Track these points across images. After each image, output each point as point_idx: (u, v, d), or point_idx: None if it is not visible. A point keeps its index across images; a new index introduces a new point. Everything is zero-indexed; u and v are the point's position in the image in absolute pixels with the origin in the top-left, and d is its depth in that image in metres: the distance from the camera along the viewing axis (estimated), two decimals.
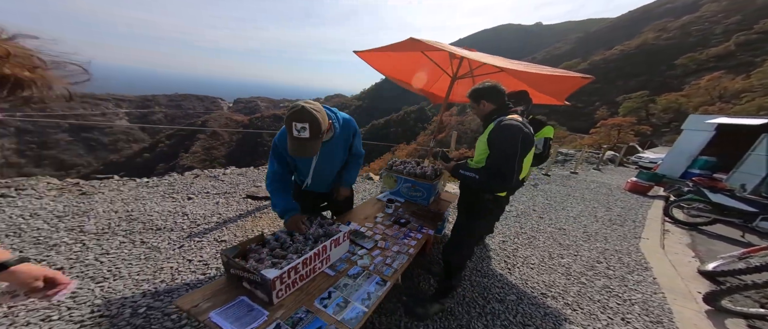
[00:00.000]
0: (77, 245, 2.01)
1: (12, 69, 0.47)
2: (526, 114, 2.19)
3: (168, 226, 2.41)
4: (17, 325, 1.33)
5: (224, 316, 0.98)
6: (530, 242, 3.11)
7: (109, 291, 1.63)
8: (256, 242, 1.31)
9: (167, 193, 3.03)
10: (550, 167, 7.37)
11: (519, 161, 1.40)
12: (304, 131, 1.18)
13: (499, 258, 2.66)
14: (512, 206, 4.13)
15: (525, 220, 3.72)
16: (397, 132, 58.28)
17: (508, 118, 1.47)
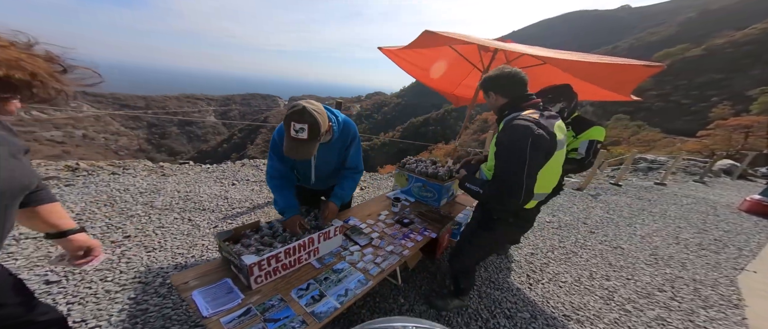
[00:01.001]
0: (145, 218, 2.46)
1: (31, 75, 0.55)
2: (569, 112, 1.89)
3: (211, 207, 2.78)
4: (84, 281, 1.70)
5: (204, 295, 1.09)
6: (568, 258, 2.71)
7: (152, 260, 1.97)
8: (251, 228, 1.41)
9: (218, 178, 3.49)
10: (625, 176, 6.20)
11: (529, 170, 1.14)
12: (302, 132, 1.16)
13: (522, 270, 2.39)
14: (554, 217, 3.64)
15: (567, 233, 3.25)
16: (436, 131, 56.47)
17: (519, 116, 1.21)
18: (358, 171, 1.62)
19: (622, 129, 23.71)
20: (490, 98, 1.39)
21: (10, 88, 0.52)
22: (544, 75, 2.78)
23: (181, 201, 2.82)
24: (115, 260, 1.92)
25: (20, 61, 0.52)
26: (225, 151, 58.30)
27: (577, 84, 1.99)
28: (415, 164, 2.27)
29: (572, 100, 1.91)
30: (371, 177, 4.47)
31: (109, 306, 1.55)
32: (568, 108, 1.90)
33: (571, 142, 1.94)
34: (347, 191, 1.59)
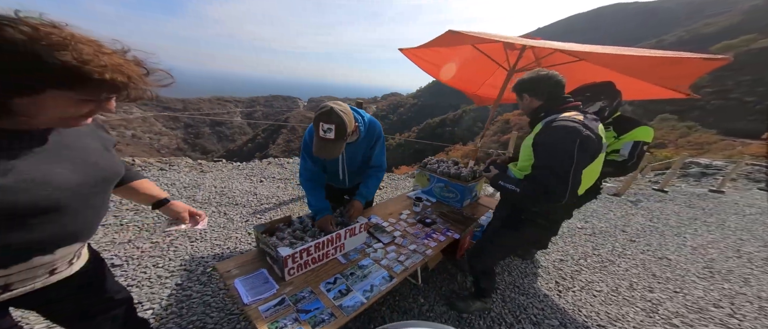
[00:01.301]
0: None
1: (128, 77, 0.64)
2: (611, 111, 1.79)
3: (242, 202, 2.99)
4: (140, 266, 1.92)
5: (244, 284, 1.20)
6: (603, 266, 2.56)
7: (195, 249, 2.17)
8: (284, 222, 1.51)
9: (247, 175, 3.73)
10: (672, 181, 5.63)
11: (576, 171, 1.14)
12: (330, 132, 1.22)
13: (550, 277, 2.30)
14: (587, 223, 3.45)
15: (603, 241, 3.05)
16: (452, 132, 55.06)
17: (561, 117, 1.22)
18: (382, 170, 1.68)
19: (669, 130, 21.56)
20: (523, 100, 1.40)
21: (114, 89, 0.62)
22: (578, 73, 2.63)
23: (218, 196, 3.06)
24: (165, 248, 2.14)
25: (120, 66, 0.60)
26: (250, 150, 61.69)
27: (619, 81, 1.86)
28: (436, 165, 2.27)
29: (614, 98, 1.78)
30: (389, 177, 4.52)
31: (160, 291, 1.74)
32: (609, 107, 1.78)
33: (612, 143, 1.82)
34: (371, 189, 1.65)
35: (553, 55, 2.67)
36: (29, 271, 0.71)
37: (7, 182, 0.58)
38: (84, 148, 0.75)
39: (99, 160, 0.78)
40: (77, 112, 0.63)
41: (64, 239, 0.73)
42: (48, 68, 0.52)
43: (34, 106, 0.57)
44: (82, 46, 0.55)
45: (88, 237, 0.83)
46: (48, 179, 0.64)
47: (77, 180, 0.71)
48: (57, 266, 0.78)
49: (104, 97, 0.63)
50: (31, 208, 0.62)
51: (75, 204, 0.71)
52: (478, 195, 2.41)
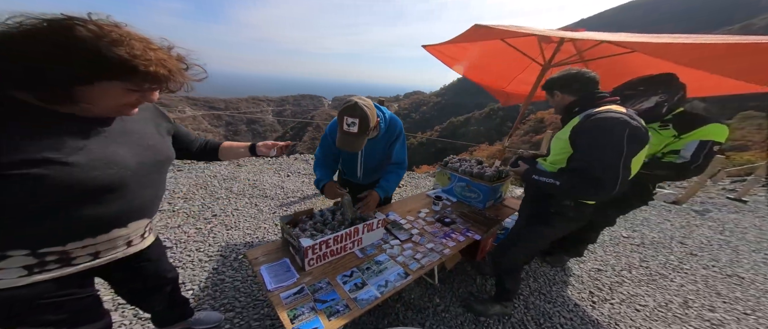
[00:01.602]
0: (226, 200, 2.97)
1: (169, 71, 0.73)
2: (671, 107, 1.59)
3: (271, 195, 3.19)
4: (186, 249, 2.15)
5: (268, 271, 1.29)
6: (652, 280, 2.32)
7: (230, 237, 2.37)
8: (306, 214, 1.59)
9: (276, 170, 3.96)
10: (753, 190, 4.78)
11: (626, 162, 1.11)
12: (353, 126, 1.28)
13: (583, 286, 2.14)
14: (635, 232, 3.12)
15: (654, 252, 2.75)
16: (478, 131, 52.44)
17: (602, 110, 1.19)
18: (403, 167, 1.69)
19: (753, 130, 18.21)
20: (555, 97, 1.38)
21: (156, 80, 0.70)
22: (631, 66, 2.36)
23: (250, 188, 3.30)
24: (206, 234, 2.37)
25: (164, 61, 0.69)
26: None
27: (684, 75, 1.64)
28: (458, 164, 2.21)
29: (675, 92, 1.57)
30: (408, 176, 4.49)
31: (199, 273, 1.93)
32: (669, 102, 1.57)
33: (671, 143, 1.61)
34: (392, 185, 1.66)
35: (598, 47, 2.44)
36: (111, 242, 0.83)
37: (80, 160, 0.66)
38: (142, 133, 0.86)
39: (155, 144, 0.89)
40: (126, 100, 0.71)
41: (132, 213, 0.85)
42: (106, 61, 0.60)
43: (91, 94, 0.65)
44: (135, 43, 0.64)
45: (152, 214, 0.95)
46: (114, 159, 0.74)
47: (137, 161, 0.80)
48: (132, 239, 0.91)
49: (147, 87, 0.70)
50: (103, 184, 0.72)
51: (136, 182, 0.81)
52: (503, 197, 2.31)
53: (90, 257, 0.80)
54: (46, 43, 0.57)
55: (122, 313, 1.54)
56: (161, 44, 0.71)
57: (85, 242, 0.77)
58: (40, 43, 0.57)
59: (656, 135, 1.64)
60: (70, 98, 0.64)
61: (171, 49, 0.74)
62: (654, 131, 1.65)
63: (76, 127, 0.69)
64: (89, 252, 0.80)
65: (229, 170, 3.78)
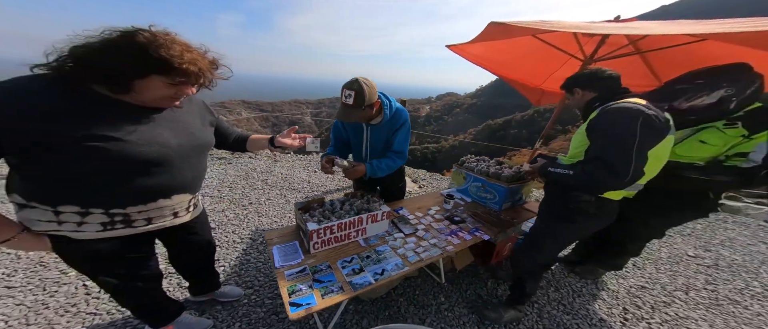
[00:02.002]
0: (261, 191, 3.31)
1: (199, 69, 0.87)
2: (742, 102, 1.35)
3: (299, 188, 3.46)
4: (225, 231, 2.46)
5: (279, 251, 1.44)
6: (716, 305, 1.99)
7: (260, 223, 2.64)
8: (318, 202, 1.72)
9: (306, 166, 4.26)
10: None
11: (640, 150, 1.09)
12: (349, 98, 1.39)
13: (617, 301, 1.92)
14: (708, 252, 2.66)
15: (728, 276, 2.33)
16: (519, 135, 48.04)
17: (621, 101, 1.19)
18: (401, 156, 1.70)
19: None
20: (575, 95, 1.37)
21: (187, 75, 0.84)
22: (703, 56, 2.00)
23: (282, 181, 3.61)
24: (242, 218, 2.68)
25: (196, 60, 0.86)
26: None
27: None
28: (475, 163, 2.16)
29: (748, 85, 1.32)
30: (432, 177, 4.41)
31: (231, 253, 2.20)
32: (738, 96, 1.33)
33: (739, 144, 1.37)
34: (382, 166, 1.66)
35: (648, 41, 2.15)
36: (159, 210, 1.00)
37: (131, 138, 0.83)
38: (186, 122, 1.03)
39: (195, 131, 1.05)
40: (167, 93, 0.86)
41: (175, 187, 1.00)
42: (151, 59, 0.77)
43: (143, 86, 0.82)
44: (175, 46, 0.80)
45: (195, 190, 1.11)
46: (158, 139, 0.90)
47: (178, 142, 0.96)
48: (177, 211, 1.07)
49: (180, 81, 0.85)
50: (148, 158, 0.87)
51: (179, 161, 0.97)
52: (524, 199, 2.19)
53: (145, 221, 0.98)
54: (118, 47, 0.76)
55: (169, 282, 1.84)
56: (198, 49, 0.90)
57: (139, 208, 0.94)
58: (115, 48, 0.76)
59: (719, 135, 1.40)
60: (130, 89, 0.81)
61: (206, 53, 0.92)
62: (716, 129, 1.40)
63: (131, 113, 0.86)
64: (144, 217, 0.97)
65: (267, 164, 4.18)
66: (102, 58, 0.76)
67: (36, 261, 1.89)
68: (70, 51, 0.76)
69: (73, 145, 0.75)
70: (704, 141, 1.43)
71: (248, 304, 1.73)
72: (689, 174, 1.44)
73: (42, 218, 0.84)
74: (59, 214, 0.85)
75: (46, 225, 0.85)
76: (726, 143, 1.40)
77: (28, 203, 0.83)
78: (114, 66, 0.77)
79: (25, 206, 0.84)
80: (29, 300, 1.62)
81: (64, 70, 0.76)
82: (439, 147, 47.83)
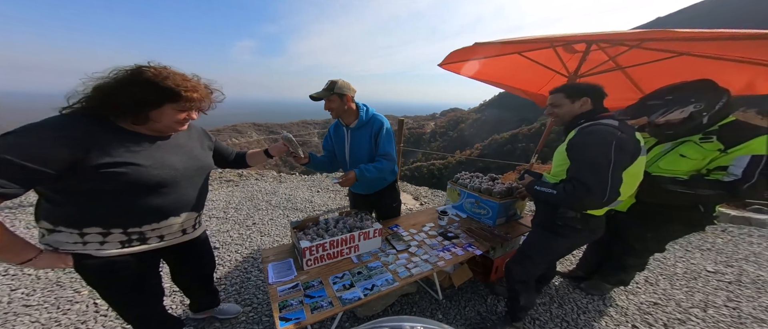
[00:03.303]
0: (265, 211, 3.40)
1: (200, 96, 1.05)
2: (713, 117, 1.40)
3: (301, 208, 3.53)
4: (229, 250, 2.53)
5: (274, 267, 1.50)
6: (738, 323, 1.88)
7: (262, 242, 2.71)
8: (312, 221, 1.79)
9: (309, 186, 4.36)
10: None
11: (614, 171, 1.17)
12: (325, 86, 1.64)
13: (625, 319, 1.86)
14: (730, 267, 2.53)
15: (755, 293, 2.19)
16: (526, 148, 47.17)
17: (597, 122, 1.28)
18: (389, 158, 1.76)
19: None
20: (577, 103, 1.38)
21: (192, 101, 0.99)
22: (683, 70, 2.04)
23: (285, 201, 3.71)
24: (245, 238, 2.76)
25: (196, 87, 1.00)
26: None
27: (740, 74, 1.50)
28: (468, 179, 2.20)
29: (715, 100, 1.38)
30: (433, 194, 4.42)
31: (233, 271, 2.26)
32: (708, 111, 1.38)
33: (718, 158, 1.41)
34: (371, 169, 1.70)
35: (634, 52, 2.21)
36: (170, 227, 1.10)
37: (146, 163, 0.95)
38: (189, 146, 1.16)
39: (198, 155, 1.18)
40: (177, 118, 1.00)
41: (183, 206, 1.11)
42: (163, 90, 0.92)
43: (159, 115, 0.96)
44: (177, 77, 0.95)
45: (199, 208, 1.22)
46: (167, 163, 1.02)
47: (184, 165, 1.08)
48: (185, 227, 1.18)
49: (188, 106, 1.00)
50: (160, 181, 0.99)
51: (185, 182, 1.09)
52: (519, 215, 2.19)
53: (158, 239, 1.08)
54: (130, 84, 0.90)
55: (172, 300, 1.90)
56: (192, 77, 1.04)
57: (153, 226, 1.04)
58: (127, 84, 0.90)
59: (697, 148, 1.45)
60: (146, 119, 0.95)
61: (199, 80, 1.06)
62: (694, 144, 1.46)
63: (143, 141, 0.98)
64: (157, 234, 1.07)
65: (272, 185, 4.32)
66: (121, 94, 0.89)
67: (53, 281, 2.00)
68: (93, 90, 0.90)
69: (98, 170, 0.86)
70: (684, 155, 1.47)
71: (246, 322, 1.76)
72: (674, 188, 1.47)
73: (69, 240, 0.94)
74: (84, 235, 0.95)
75: (73, 246, 0.95)
76: (704, 157, 1.43)
77: (56, 228, 0.93)
78: (135, 100, 0.90)
79: (53, 231, 0.94)
80: (44, 317, 1.71)
81: (90, 108, 0.89)
82: (446, 163, 47.61)
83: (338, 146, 1.87)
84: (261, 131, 77.82)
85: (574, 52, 2.53)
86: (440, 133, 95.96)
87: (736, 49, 1.70)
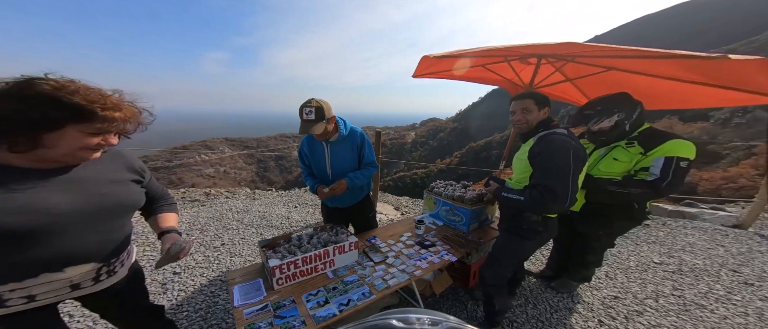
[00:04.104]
0: (235, 231, 3.20)
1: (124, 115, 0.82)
2: (633, 124, 1.63)
3: (277, 225, 3.38)
4: (192, 275, 2.34)
5: (240, 289, 1.39)
6: (685, 310, 2.04)
7: (232, 263, 2.53)
8: (284, 238, 1.70)
9: (286, 202, 4.20)
10: None
11: (574, 177, 1.28)
12: (310, 113, 1.52)
13: (592, 314, 1.94)
14: (672, 258, 2.77)
15: (694, 281, 2.41)
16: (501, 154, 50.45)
17: (553, 131, 1.38)
18: (374, 166, 1.89)
19: None
20: (542, 111, 1.45)
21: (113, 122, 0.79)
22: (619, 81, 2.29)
23: (259, 219, 3.53)
24: (212, 261, 2.57)
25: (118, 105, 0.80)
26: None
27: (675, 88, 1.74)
28: (443, 188, 2.25)
29: (632, 110, 1.62)
30: (414, 203, 4.47)
31: (197, 296, 2.08)
32: (628, 120, 1.62)
33: (641, 160, 1.62)
34: (359, 177, 1.79)
35: (571, 66, 2.44)
36: (47, 284, 0.83)
37: (5, 206, 0.71)
38: (96, 181, 0.89)
39: (109, 191, 0.90)
40: (85, 143, 0.78)
41: (68, 258, 0.84)
42: (66, 107, 0.71)
43: (56, 139, 0.73)
44: (90, 92, 0.75)
45: (105, 258, 0.93)
46: (42, 205, 0.76)
47: (73, 208, 0.81)
48: (79, 282, 0.89)
49: (105, 128, 0.78)
50: (25, 229, 0.73)
51: (74, 227, 0.82)
52: (491, 219, 2.26)
53: (24, 300, 0.81)
54: (12, 99, 0.68)
55: None
56: (114, 94, 0.82)
57: (11, 287, 0.78)
58: (17, 100, 0.68)
59: (625, 152, 1.66)
60: (37, 144, 0.72)
61: (122, 95, 0.85)
62: (622, 148, 1.67)
63: (11, 177, 0.74)
64: (21, 295, 0.80)
65: (244, 203, 4.10)
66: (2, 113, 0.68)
67: None
68: None
69: None
70: (616, 158, 1.67)
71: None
72: (612, 188, 1.65)
73: None
74: None
75: None
76: (631, 159, 1.64)
77: None
78: (19, 119, 0.68)
79: None
80: None
81: None
82: (428, 172, 48.52)
83: (316, 161, 1.83)
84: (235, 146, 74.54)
85: (529, 63, 2.72)
86: (421, 142, 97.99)
87: (651, 66, 1.94)
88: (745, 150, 19.52)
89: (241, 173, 66.78)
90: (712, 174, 17.67)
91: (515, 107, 1.49)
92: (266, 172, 74.06)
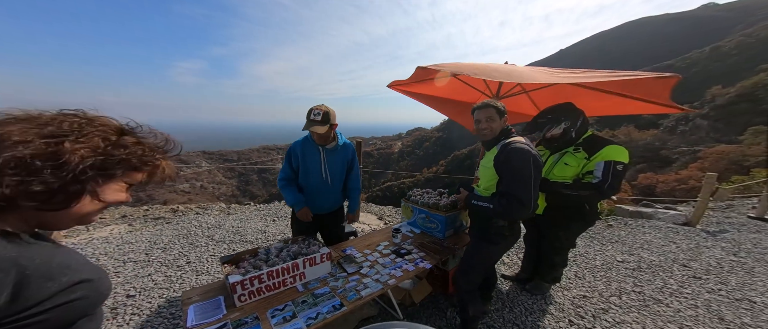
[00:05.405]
0: (203, 248, 2.99)
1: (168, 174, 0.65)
2: (578, 131, 1.78)
3: (251, 240, 3.20)
4: (148, 297, 2.13)
5: (196, 309, 1.27)
6: (644, 305, 2.12)
7: (198, 281, 2.35)
8: (250, 253, 1.61)
9: (263, 216, 4.02)
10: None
11: (535, 184, 1.34)
12: (318, 115, 1.64)
13: (563, 314, 1.97)
14: (632, 256, 2.92)
15: (651, 276, 2.54)
16: None
17: (514, 140, 1.42)
18: (360, 189, 2.12)
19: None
20: (502, 120, 1.49)
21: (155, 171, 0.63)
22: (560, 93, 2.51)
23: (232, 235, 3.33)
24: (174, 280, 2.36)
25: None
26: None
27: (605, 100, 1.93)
28: (419, 196, 2.24)
29: (577, 118, 1.77)
30: (397, 212, 4.44)
31: (155, 319, 1.90)
32: (574, 128, 1.76)
33: (587, 164, 1.75)
34: (357, 203, 2.07)
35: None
36: None
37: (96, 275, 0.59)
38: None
39: None
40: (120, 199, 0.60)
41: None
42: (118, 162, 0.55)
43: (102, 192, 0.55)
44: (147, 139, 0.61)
45: None
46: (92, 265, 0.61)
47: None
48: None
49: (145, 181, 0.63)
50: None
51: None
52: (465, 226, 2.27)
53: None
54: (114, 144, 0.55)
55: None
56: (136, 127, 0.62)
57: None
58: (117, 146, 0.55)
59: (573, 157, 1.78)
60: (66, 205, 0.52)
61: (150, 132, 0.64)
62: (570, 154, 1.79)
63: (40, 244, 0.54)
64: None
65: (217, 219, 3.86)
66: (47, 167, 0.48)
67: None
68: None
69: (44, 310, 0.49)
70: (567, 163, 1.79)
71: None
72: (565, 191, 1.75)
73: None
74: None
75: None
76: (579, 164, 1.76)
77: None
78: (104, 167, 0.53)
79: None
80: None
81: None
82: (416, 181, 48.85)
83: (311, 164, 1.83)
84: (213, 160, 71.32)
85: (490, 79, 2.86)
86: (408, 152, 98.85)
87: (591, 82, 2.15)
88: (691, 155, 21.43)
89: (220, 188, 63.63)
90: (667, 177, 19.19)
91: (480, 116, 1.49)
92: (248, 186, 71.21)
